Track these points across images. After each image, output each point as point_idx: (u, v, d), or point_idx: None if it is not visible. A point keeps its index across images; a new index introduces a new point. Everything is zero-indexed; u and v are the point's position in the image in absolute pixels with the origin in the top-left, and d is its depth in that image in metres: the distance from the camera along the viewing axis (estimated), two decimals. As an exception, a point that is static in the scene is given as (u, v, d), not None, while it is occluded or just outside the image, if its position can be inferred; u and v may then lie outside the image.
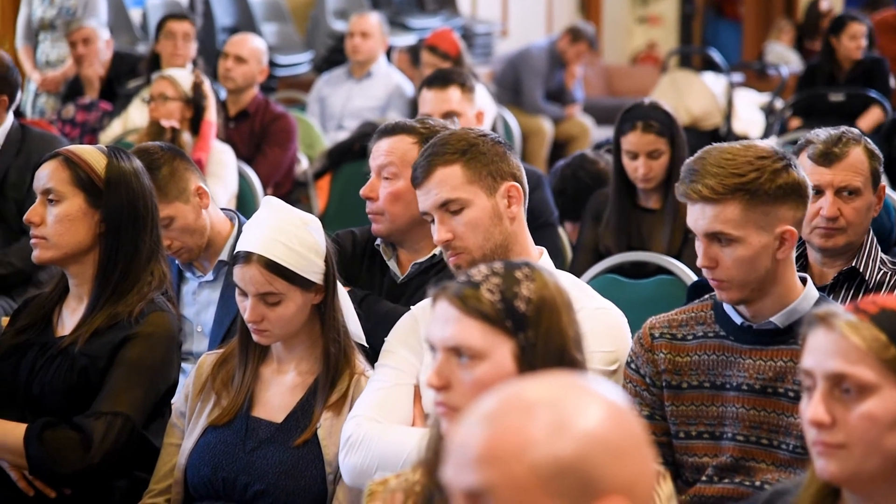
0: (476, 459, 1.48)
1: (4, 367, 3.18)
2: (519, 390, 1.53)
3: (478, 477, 1.48)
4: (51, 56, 8.30)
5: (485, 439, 1.49)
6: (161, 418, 3.18)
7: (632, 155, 4.72)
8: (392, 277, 3.50)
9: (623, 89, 12.68)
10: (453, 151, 2.95)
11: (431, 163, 2.95)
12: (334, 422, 2.97)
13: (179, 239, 3.72)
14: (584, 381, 1.56)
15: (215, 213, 3.81)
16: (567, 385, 1.54)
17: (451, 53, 7.39)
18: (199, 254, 3.79)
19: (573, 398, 1.51)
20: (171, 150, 3.79)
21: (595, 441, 1.48)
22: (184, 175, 3.74)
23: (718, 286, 2.74)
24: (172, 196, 3.69)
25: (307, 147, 7.23)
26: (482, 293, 2.12)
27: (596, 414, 1.50)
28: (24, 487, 3.08)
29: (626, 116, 4.79)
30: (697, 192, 2.69)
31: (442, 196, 2.94)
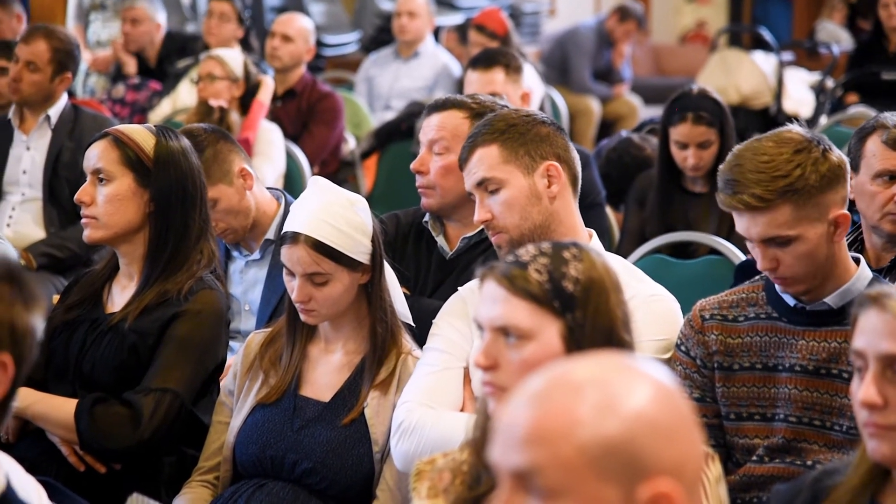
0: (523, 439, 1.48)
1: (56, 344, 3.21)
2: (567, 370, 1.53)
3: (525, 457, 1.47)
4: (101, 36, 8.36)
5: (532, 419, 1.48)
6: (209, 395, 3.20)
7: (681, 145, 4.69)
8: (440, 254, 3.51)
9: (672, 68, 12.61)
10: (492, 132, 2.95)
11: (473, 143, 2.97)
12: (381, 401, 2.98)
13: (224, 220, 3.74)
14: (633, 361, 1.55)
15: (261, 192, 3.83)
16: (615, 365, 1.53)
17: (498, 33, 7.38)
18: (244, 234, 3.81)
19: (621, 378, 1.51)
20: (214, 132, 3.80)
21: (643, 421, 1.48)
22: (227, 157, 3.75)
23: (783, 283, 2.71)
24: (216, 178, 3.70)
25: (354, 127, 7.24)
26: (530, 273, 2.12)
27: (644, 394, 1.49)
28: (74, 462, 3.11)
29: (675, 106, 4.74)
30: (744, 204, 2.64)
31: (479, 175, 2.94)
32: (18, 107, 5.31)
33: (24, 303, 1.75)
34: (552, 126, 3.00)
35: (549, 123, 3.00)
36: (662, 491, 1.46)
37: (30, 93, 5.21)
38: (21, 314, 1.75)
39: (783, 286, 2.73)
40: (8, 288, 1.74)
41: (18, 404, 3.10)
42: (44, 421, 3.13)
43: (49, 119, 5.26)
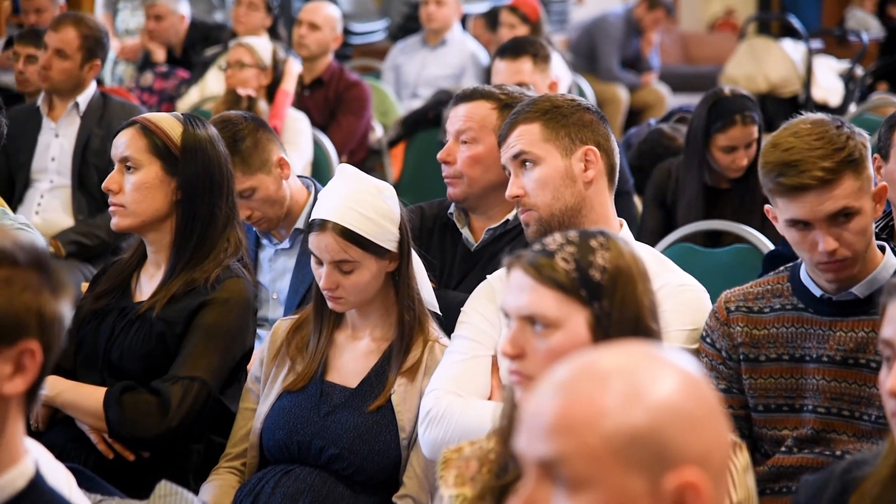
0: (549, 429, 1.48)
1: (85, 332, 3.23)
2: (592, 359, 1.52)
3: (551, 447, 1.47)
4: (130, 24, 8.39)
5: (558, 409, 1.48)
6: (237, 384, 3.21)
7: (729, 148, 4.63)
8: (465, 246, 3.50)
9: (700, 57, 12.56)
10: (536, 110, 2.96)
11: (515, 120, 2.98)
12: (408, 388, 2.99)
13: (260, 209, 3.75)
14: (659, 350, 1.54)
15: (293, 181, 3.84)
16: (641, 354, 1.53)
17: (530, 17, 7.37)
18: (277, 223, 3.82)
19: (647, 367, 1.50)
20: (254, 120, 3.82)
21: (669, 411, 1.47)
22: (266, 146, 3.77)
23: (841, 266, 2.67)
24: (255, 167, 3.72)
25: (381, 115, 7.25)
26: (557, 262, 2.11)
27: (670, 383, 1.49)
28: (103, 450, 3.13)
29: (717, 112, 4.64)
30: (816, 179, 2.62)
31: (517, 148, 2.95)
32: (47, 94, 5.33)
33: (52, 290, 1.76)
34: (596, 114, 3.00)
35: (594, 111, 3.01)
36: (689, 480, 1.45)
37: (59, 80, 5.23)
38: (49, 301, 1.75)
39: (839, 271, 2.68)
40: (35, 275, 1.75)
41: (48, 392, 3.12)
42: (73, 409, 3.14)
43: (78, 106, 5.28)
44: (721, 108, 4.62)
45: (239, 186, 3.67)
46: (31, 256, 1.75)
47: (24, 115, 5.32)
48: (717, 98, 4.66)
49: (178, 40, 7.78)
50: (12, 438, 1.78)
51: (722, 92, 4.70)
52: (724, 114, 4.62)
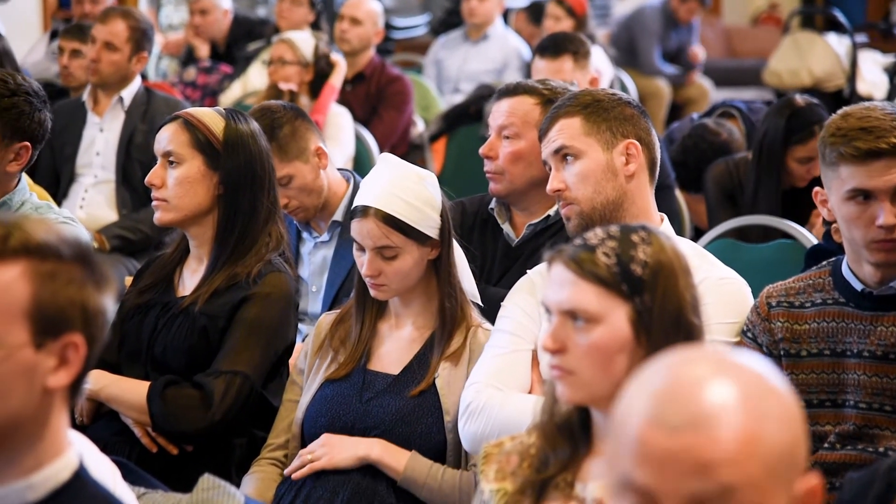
0: (705, 464, 1.45)
1: (128, 327, 3.25)
2: (694, 379, 1.50)
3: (714, 481, 1.46)
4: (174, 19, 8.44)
5: (702, 444, 1.46)
6: (279, 378, 3.22)
7: (807, 160, 4.58)
8: (506, 241, 3.50)
9: (743, 51, 12.48)
10: (576, 104, 2.96)
11: (555, 114, 2.98)
12: (452, 371, 2.99)
13: (297, 198, 3.77)
14: (738, 357, 1.54)
15: (332, 173, 3.85)
16: (728, 366, 1.52)
17: (576, 11, 7.36)
18: (314, 213, 3.83)
19: (759, 382, 1.50)
20: (292, 110, 3.84)
21: (794, 421, 1.49)
22: (305, 135, 3.79)
23: (894, 246, 2.66)
24: (292, 155, 3.74)
25: (423, 110, 7.25)
26: (598, 257, 2.11)
27: (783, 393, 1.50)
28: (147, 444, 3.14)
29: (796, 124, 4.54)
30: (890, 145, 2.62)
31: (558, 143, 2.94)
32: (93, 89, 5.37)
33: (96, 284, 1.77)
34: (637, 108, 3.00)
35: (635, 106, 3.00)
36: (813, 484, 1.49)
37: (108, 73, 5.28)
38: (92, 295, 1.77)
39: (891, 251, 2.66)
40: (79, 269, 1.76)
41: (92, 387, 3.15)
42: (117, 403, 3.17)
43: (122, 101, 5.31)
44: (799, 119, 4.55)
45: (275, 174, 3.71)
46: (74, 250, 1.77)
47: (69, 110, 5.37)
48: (792, 109, 4.58)
49: (222, 35, 7.82)
50: (57, 431, 1.79)
51: (796, 102, 4.61)
52: (802, 125, 4.56)
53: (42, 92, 3.41)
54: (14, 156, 3.34)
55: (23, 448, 1.76)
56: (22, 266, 1.73)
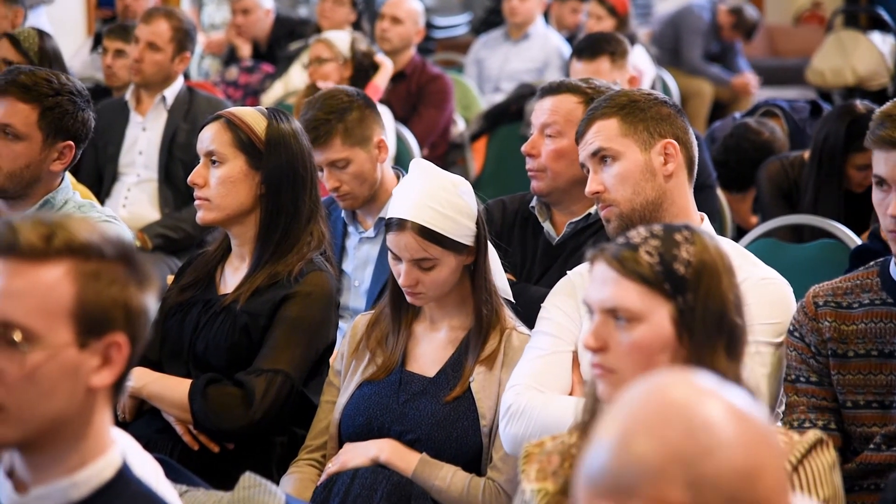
0: None
1: (170, 324, 3.26)
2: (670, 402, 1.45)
3: None
4: (215, 19, 8.48)
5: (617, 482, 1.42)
6: (319, 377, 3.23)
7: (867, 166, 4.53)
8: (547, 240, 3.49)
9: (786, 49, 12.40)
10: (612, 105, 2.95)
11: (592, 116, 2.97)
12: (487, 376, 2.99)
13: (350, 184, 3.80)
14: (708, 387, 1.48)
15: (387, 169, 3.89)
16: (693, 397, 1.46)
17: (618, 10, 7.34)
18: (362, 203, 3.86)
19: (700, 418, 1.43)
20: (364, 98, 3.90)
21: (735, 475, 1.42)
22: (371, 124, 3.84)
23: None
24: (355, 140, 3.79)
25: (464, 109, 7.25)
26: (640, 255, 2.10)
27: (727, 437, 1.43)
28: (189, 441, 3.16)
29: (857, 131, 4.46)
30: None
31: (595, 145, 2.94)
32: (136, 88, 5.41)
33: (138, 283, 1.78)
34: (673, 108, 2.98)
35: (671, 105, 2.99)
36: None
37: (151, 73, 5.31)
38: (135, 294, 1.77)
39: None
40: (122, 268, 1.77)
41: (134, 384, 3.16)
42: (159, 401, 3.18)
43: (165, 100, 5.35)
44: (859, 126, 4.48)
45: (334, 155, 3.78)
46: (117, 249, 1.77)
47: (113, 110, 5.40)
48: (853, 115, 4.52)
49: (264, 35, 7.85)
50: (100, 429, 1.80)
51: (857, 108, 4.56)
52: (862, 132, 4.49)
53: (85, 91, 3.43)
54: (58, 155, 3.36)
55: (67, 447, 1.77)
56: (66, 266, 1.74)
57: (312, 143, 3.74)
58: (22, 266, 1.74)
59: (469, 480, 2.95)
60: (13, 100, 3.30)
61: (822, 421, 2.76)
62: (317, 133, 3.78)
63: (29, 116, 3.31)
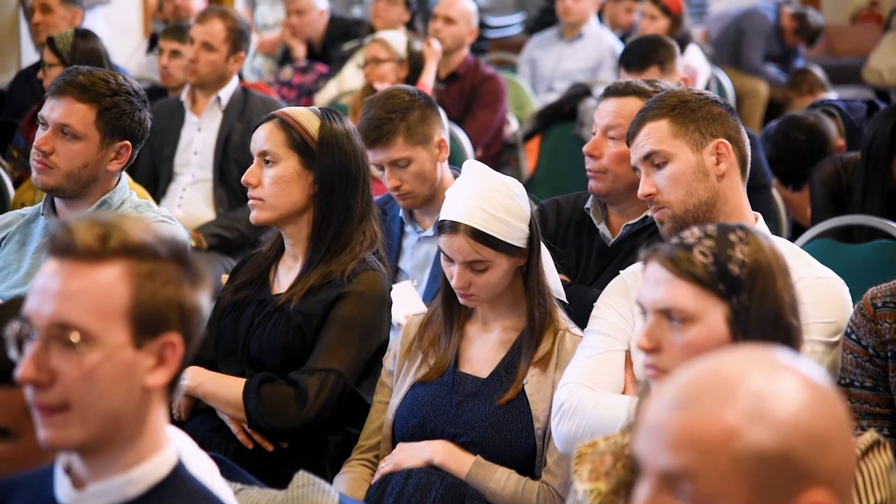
0: (674, 442, 1.45)
1: (225, 323, 3.28)
2: (715, 369, 1.48)
3: (676, 461, 1.45)
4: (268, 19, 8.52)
5: (683, 423, 1.45)
6: (372, 376, 3.24)
7: None
8: (602, 241, 3.48)
9: (843, 49, 12.28)
10: (663, 107, 2.93)
11: (642, 118, 2.96)
12: (541, 378, 2.99)
13: (410, 183, 3.81)
14: (783, 358, 1.50)
15: (446, 168, 3.89)
16: (766, 364, 1.49)
17: (671, 9, 7.29)
18: (422, 202, 3.86)
19: (773, 381, 1.46)
20: (425, 97, 3.91)
21: (799, 430, 1.43)
22: (432, 124, 3.85)
23: None
24: (416, 139, 3.79)
25: (517, 109, 7.24)
26: (695, 256, 2.09)
27: (798, 399, 1.45)
28: (243, 440, 3.17)
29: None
30: None
31: (647, 148, 2.92)
32: (191, 89, 5.44)
33: (192, 282, 1.79)
34: (724, 107, 2.96)
35: (722, 104, 2.97)
36: (819, 501, 1.42)
37: (206, 73, 5.35)
38: (189, 294, 1.79)
39: None
40: (176, 268, 1.78)
41: (189, 383, 3.19)
42: (213, 400, 3.20)
43: (220, 101, 5.38)
44: None
45: (396, 154, 3.79)
46: (171, 249, 1.79)
47: (168, 110, 5.44)
48: None
49: (318, 35, 7.88)
50: (155, 428, 1.81)
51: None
52: None
53: (142, 92, 3.46)
54: (115, 155, 3.39)
55: (123, 445, 1.79)
56: (121, 267, 1.76)
57: (374, 142, 3.76)
58: (78, 267, 1.75)
59: (523, 483, 2.95)
60: (71, 100, 3.33)
61: (875, 427, 2.74)
62: (379, 132, 3.79)
63: (87, 116, 3.34)
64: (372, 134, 3.79)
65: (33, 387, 1.75)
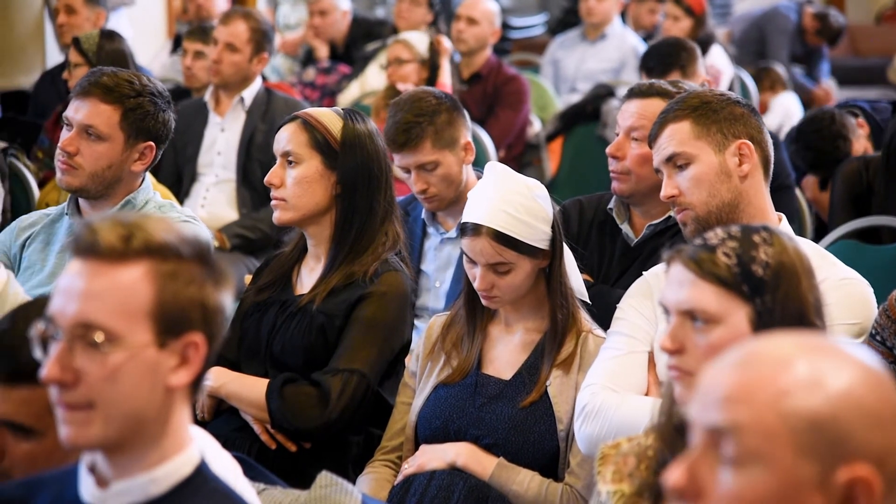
0: (726, 398, 1.46)
1: (248, 324, 3.29)
2: (773, 343, 1.50)
3: (725, 416, 1.45)
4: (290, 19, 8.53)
5: (738, 380, 1.46)
6: (395, 376, 3.24)
7: None
8: (625, 241, 3.48)
9: (868, 49, 12.24)
10: (684, 108, 2.92)
11: (664, 120, 2.95)
12: (564, 379, 2.98)
13: (437, 186, 3.81)
14: (838, 342, 1.52)
15: (471, 170, 3.89)
16: (822, 344, 1.50)
17: (694, 10, 7.27)
18: (447, 205, 3.86)
19: (830, 356, 1.47)
20: (451, 100, 3.91)
21: (853, 402, 1.44)
22: (459, 127, 3.86)
23: None
24: (444, 143, 3.80)
25: (540, 109, 7.24)
26: (718, 257, 2.09)
27: (853, 374, 1.46)
28: (266, 440, 3.18)
29: None
30: None
31: (669, 150, 2.91)
32: (215, 89, 5.46)
33: (214, 282, 1.80)
34: (747, 107, 2.95)
35: (744, 105, 2.96)
36: (862, 476, 1.42)
37: (229, 73, 5.37)
38: (212, 294, 1.79)
39: None
40: (199, 268, 1.79)
41: (213, 384, 3.20)
42: (237, 400, 3.21)
43: (243, 101, 5.39)
44: None
45: (424, 158, 3.79)
46: (194, 249, 1.79)
47: (192, 110, 5.46)
48: None
49: (341, 36, 7.88)
50: (178, 427, 1.82)
51: None
52: None
53: (166, 92, 3.47)
54: (139, 155, 3.40)
55: (147, 444, 1.79)
56: (144, 266, 1.76)
57: (402, 146, 3.76)
58: (102, 267, 1.76)
59: (546, 485, 2.94)
60: (96, 101, 3.35)
61: None
62: (407, 136, 3.79)
63: (111, 117, 3.35)
64: (400, 138, 3.79)
65: (58, 387, 1.76)
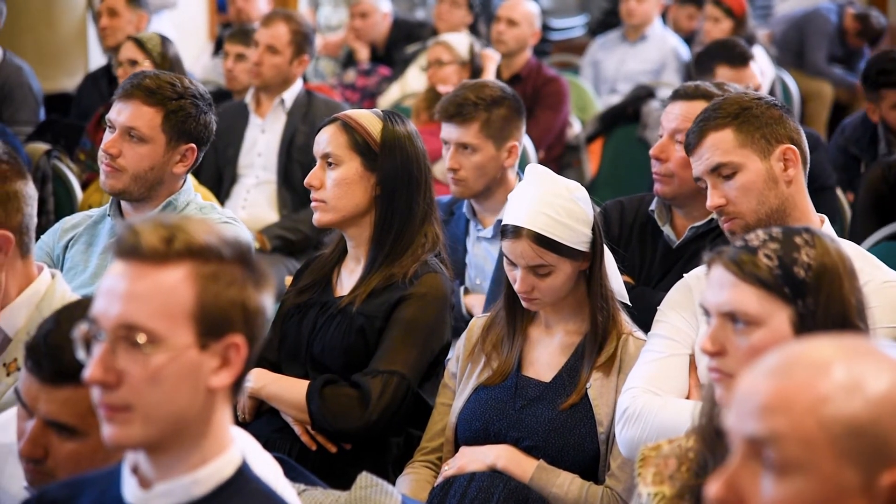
0: (764, 407, 1.45)
1: (288, 326, 3.30)
2: (810, 347, 1.49)
3: (764, 425, 1.45)
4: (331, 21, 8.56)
5: (776, 388, 1.45)
6: (435, 378, 3.24)
7: None
8: (666, 243, 3.46)
9: (910, 48, 12.13)
10: (724, 115, 2.89)
11: (703, 128, 2.91)
12: (604, 382, 2.97)
13: (468, 170, 3.84)
14: (877, 345, 1.50)
15: (512, 173, 3.90)
16: (861, 347, 1.49)
17: (735, 11, 7.23)
18: (472, 195, 3.89)
19: (868, 360, 1.46)
20: (517, 101, 3.95)
21: (893, 405, 1.43)
22: (511, 128, 3.89)
23: None
24: (491, 133, 3.85)
25: (580, 111, 7.22)
26: (759, 258, 2.08)
27: (893, 377, 1.45)
28: (307, 441, 3.19)
29: None
30: None
31: (714, 160, 2.89)
32: (256, 91, 5.48)
33: (255, 284, 1.80)
34: (782, 108, 2.93)
35: (780, 106, 2.93)
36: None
37: (270, 76, 5.39)
38: (252, 295, 1.80)
39: None
40: (239, 269, 1.79)
41: (253, 385, 3.21)
42: (277, 401, 3.22)
43: (284, 103, 5.41)
44: None
45: (466, 138, 3.84)
46: (234, 251, 1.80)
47: (233, 112, 5.49)
48: None
49: (382, 38, 7.90)
50: (220, 428, 1.83)
51: None
52: None
53: (207, 95, 3.49)
54: (180, 157, 3.42)
55: (188, 445, 1.80)
56: (186, 268, 1.77)
57: (451, 117, 3.80)
58: (144, 269, 1.77)
59: (587, 488, 2.94)
60: (138, 103, 3.37)
61: None
62: (460, 109, 3.83)
63: (153, 119, 3.37)
64: (451, 108, 3.83)
65: (100, 387, 1.77)
